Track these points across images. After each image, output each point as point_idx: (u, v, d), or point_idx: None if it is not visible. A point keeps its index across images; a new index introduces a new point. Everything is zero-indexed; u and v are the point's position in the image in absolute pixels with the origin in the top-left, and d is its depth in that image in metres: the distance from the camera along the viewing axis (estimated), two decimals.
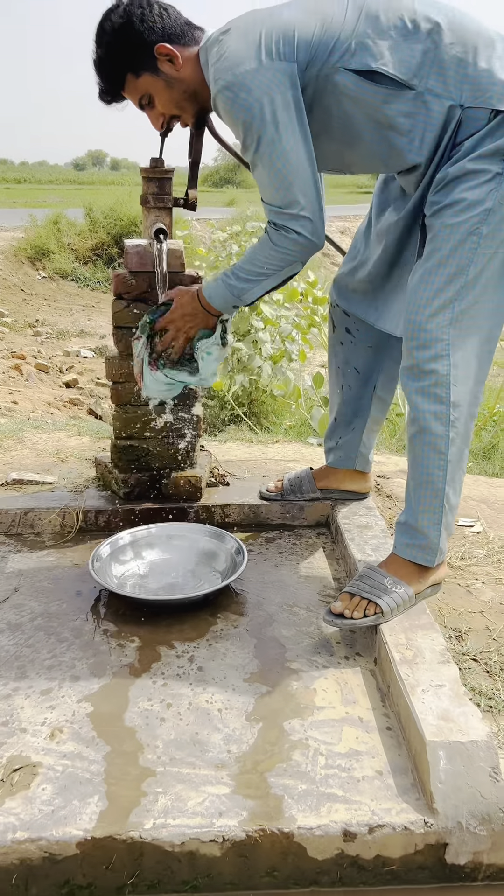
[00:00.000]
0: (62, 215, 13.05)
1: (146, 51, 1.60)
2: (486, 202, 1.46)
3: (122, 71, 1.63)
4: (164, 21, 1.61)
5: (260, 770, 1.28)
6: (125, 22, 1.59)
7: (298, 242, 1.60)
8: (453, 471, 1.58)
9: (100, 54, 1.63)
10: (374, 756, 1.31)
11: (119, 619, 1.73)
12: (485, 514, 2.25)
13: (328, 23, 1.49)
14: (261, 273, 1.68)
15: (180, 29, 1.63)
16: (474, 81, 1.45)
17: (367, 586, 1.62)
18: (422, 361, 1.51)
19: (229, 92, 1.47)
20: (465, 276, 1.49)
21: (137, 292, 2.04)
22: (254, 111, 1.47)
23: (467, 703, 1.33)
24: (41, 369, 6.29)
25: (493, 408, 3.86)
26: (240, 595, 1.85)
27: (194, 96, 1.67)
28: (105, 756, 1.30)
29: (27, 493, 2.25)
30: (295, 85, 1.48)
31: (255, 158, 1.54)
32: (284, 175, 1.52)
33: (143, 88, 1.64)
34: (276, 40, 1.47)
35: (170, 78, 1.63)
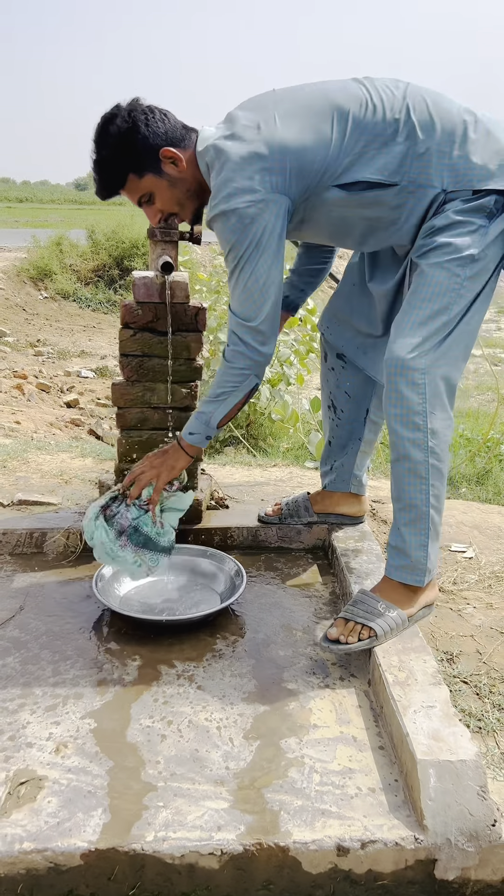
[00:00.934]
0: (65, 236, 13.21)
1: (151, 154, 1.68)
2: (471, 249, 1.58)
3: (125, 172, 1.70)
4: (167, 125, 1.69)
5: (257, 786, 1.33)
6: (131, 127, 1.66)
7: (247, 355, 1.73)
8: (435, 494, 1.65)
9: (104, 156, 1.69)
10: (367, 774, 1.36)
11: (121, 637, 1.78)
12: (477, 539, 2.31)
13: (321, 144, 1.60)
14: (222, 392, 1.78)
15: (180, 133, 1.71)
16: (452, 169, 1.59)
17: (361, 611, 1.67)
18: (401, 390, 1.59)
19: (223, 217, 1.60)
20: (448, 313, 1.59)
21: (144, 322, 2.12)
22: (240, 236, 1.61)
23: (457, 724, 1.38)
24: (43, 389, 6.37)
25: (486, 434, 3.93)
26: (238, 616, 1.91)
27: (195, 195, 1.76)
28: (108, 771, 1.35)
29: (32, 513, 2.31)
30: (284, 215, 1.62)
31: (232, 272, 1.68)
32: (252, 292, 1.67)
33: (145, 188, 1.72)
34: (271, 171, 1.57)
35: (173, 178, 1.71)
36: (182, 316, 2.13)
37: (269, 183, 1.58)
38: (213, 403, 1.80)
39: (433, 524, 1.67)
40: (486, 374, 7.75)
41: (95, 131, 1.69)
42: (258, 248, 1.62)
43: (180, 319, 2.13)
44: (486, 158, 1.59)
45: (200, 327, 2.16)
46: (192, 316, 2.14)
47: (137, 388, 2.18)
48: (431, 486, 1.64)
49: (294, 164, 1.59)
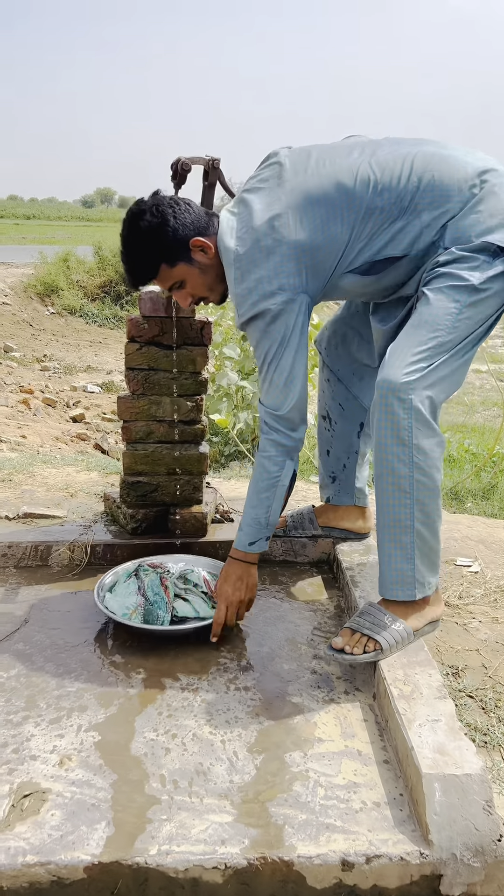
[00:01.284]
0: (71, 253, 13.32)
1: (182, 245, 1.73)
2: (473, 280, 1.61)
3: (158, 264, 1.75)
4: (192, 215, 1.75)
5: (261, 800, 1.32)
6: (160, 221, 1.71)
7: (279, 442, 1.79)
8: (422, 510, 1.63)
9: (136, 251, 1.75)
10: (372, 788, 1.36)
11: (125, 650, 1.78)
12: (483, 554, 2.30)
13: (334, 242, 1.67)
14: (268, 486, 1.82)
15: (204, 221, 1.76)
16: (455, 234, 1.64)
17: (367, 623, 1.67)
18: (390, 405, 1.59)
19: (252, 322, 1.71)
20: (444, 336, 1.61)
21: (150, 336, 2.14)
22: (267, 336, 1.71)
23: (463, 738, 1.37)
24: (49, 404, 6.39)
25: (491, 449, 3.93)
26: (243, 630, 1.90)
27: (223, 279, 1.80)
28: (112, 784, 1.35)
29: (38, 526, 2.31)
30: (304, 311, 1.71)
31: (261, 368, 1.77)
32: (278, 385, 1.75)
33: (177, 276, 1.78)
34: (286, 275, 1.66)
35: (203, 265, 1.77)
36: (188, 330, 2.15)
37: (289, 285, 1.67)
38: (264, 502, 1.83)
39: (420, 538, 1.65)
40: (492, 390, 7.75)
41: (124, 227, 1.76)
42: (282, 345, 1.71)
43: (186, 333, 2.15)
44: (487, 219, 1.63)
45: (206, 341, 2.18)
46: (198, 330, 2.16)
47: (143, 401, 2.19)
48: (416, 500, 1.62)
49: (309, 263, 1.67)
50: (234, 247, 1.69)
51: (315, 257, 1.67)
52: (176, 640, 1.84)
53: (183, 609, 1.90)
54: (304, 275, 1.67)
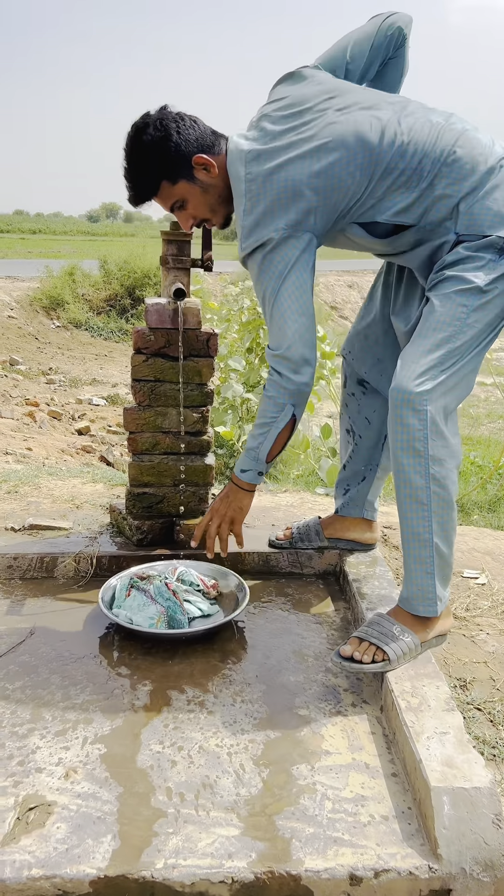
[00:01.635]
0: (77, 267, 13.39)
1: (184, 161, 1.71)
2: (478, 281, 1.59)
3: (159, 180, 1.73)
4: (197, 132, 1.72)
5: (268, 813, 1.31)
6: (163, 136, 1.69)
7: (280, 384, 1.77)
8: (440, 522, 1.63)
9: (137, 165, 1.73)
10: (380, 801, 1.34)
11: (131, 662, 1.78)
12: (490, 566, 2.29)
13: (348, 188, 1.64)
14: (263, 424, 1.83)
15: (210, 139, 1.74)
16: (470, 215, 1.61)
17: (376, 632, 1.66)
18: (404, 416, 1.58)
19: (252, 256, 1.69)
20: (454, 342, 1.59)
21: (156, 347, 2.14)
22: (270, 267, 1.68)
23: (471, 751, 1.36)
24: (54, 416, 6.41)
25: (497, 461, 3.92)
26: (249, 641, 1.90)
27: (225, 200, 1.78)
28: (118, 797, 1.34)
29: (44, 538, 2.31)
30: (309, 250, 1.68)
31: (263, 307, 1.75)
32: (278, 322, 1.72)
33: (178, 194, 1.75)
34: (294, 213, 1.63)
35: (205, 184, 1.74)
36: (194, 341, 2.15)
37: (295, 223, 1.64)
38: (258, 437, 1.84)
39: (438, 552, 1.65)
40: (497, 403, 7.75)
41: (127, 141, 1.72)
42: (281, 279, 1.67)
43: (192, 345, 2.16)
44: (501, 208, 1.60)
45: (212, 353, 2.18)
46: (204, 341, 2.17)
47: (149, 412, 2.20)
48: (434, 513, 1.62)
49: (319, 203, 1.64)
50: (244, 175, 1.66)
51: (328, 199, 1.64)
52: (187, 644, 1.85)
53: (189, 610, 1.92)
54: (312, 214, 1.64)
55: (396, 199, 1.64)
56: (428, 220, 1.65)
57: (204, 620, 1.93)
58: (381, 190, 1.65)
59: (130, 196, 1.77)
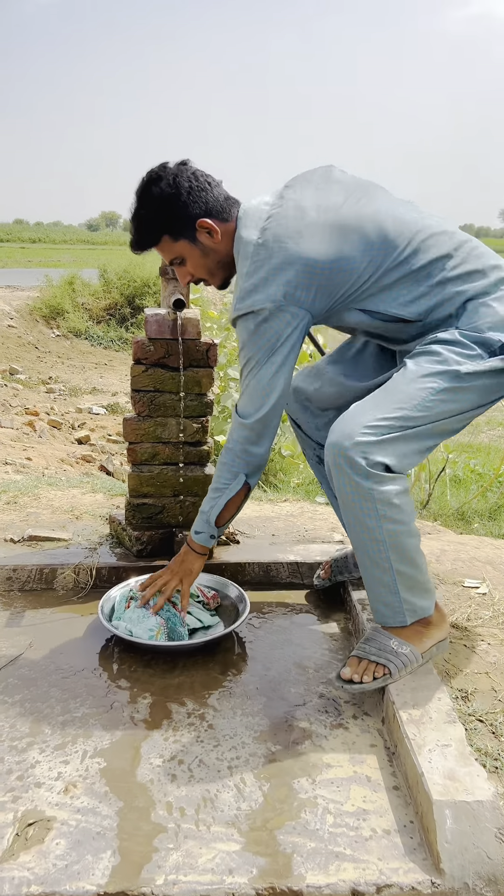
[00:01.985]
0: (77, 276, 13.42)
1: (189, 222, 1.69)
2: (460, 366, 1.57)
3: (161, 234, 1.72)
4: (209, 196, 1.70)
5: (269, 827, 1.30)
6: (174, 193, 1.67)
7: (235, 452, 1.77)
8: (398, 551, 1.59)
9: (142, 215, 1.72)
10: (382, 815, 1.33)
11: (131, 674, 1.77)
12: (490, 575, 2.28)
13: (354, 271, 1.63)
14: (216, 489, 1.83)
15: (221, 205, 1.72)
16: (472, 315, 1.62)
17: (374, 649, 1.65)
18: (341, 468, 1.54)
19: (243, 320, 1.66)
20: (409, 412, 1.55)
21: (156, 358, 2.14)
22: (254, 339, 1.65)
23: (473, 763, 1.35)
24: (54, 426, 6.41)
25: (497, 469, 3.91)
26: (250, 653, 1.89)
27: (225, 265, 1.77)
28: (118, 811, 1.33)
29: (43, 549, 2.30)
30: (300, 328, 1.65)
31: (244, 375, 1.73)
32: (254, 393, 1.71)
33: (177, 252, 1.74)
34: (294, 286, 1.61)
35: (206, 248, 1.73)
36: (193, 352, 2.15)
37: (294, 297, 1.61)
38: (209, 501, 1.84)
39: (401, 575, 1.61)
40: (497, 410, 7.74)
41: (139, 187, 1.72)
42: (268, 353, 1.65)
43: (192, 355, 2.16)
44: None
45: (212, 363, 2.18)
46: (204, 352, 2.16)
47: (149, 423, 2.19)
48: (391, 546, 1.58)
49: (323, 283, 1.62)
50: (256, 239, 1.64)
51: (331, 280, 1.62)
52: (187, 656, 1.85)
53: (189, 621, 1.91)
54: (314, 292, 1.62)
55: (403, 292, 1.65)
56: (434, 316, 1.66)
57: (204, 632, 1.93)
58: (388, 281, 1.65)
59: (132, 241, 1.77)
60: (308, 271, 1.60)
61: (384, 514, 1.55)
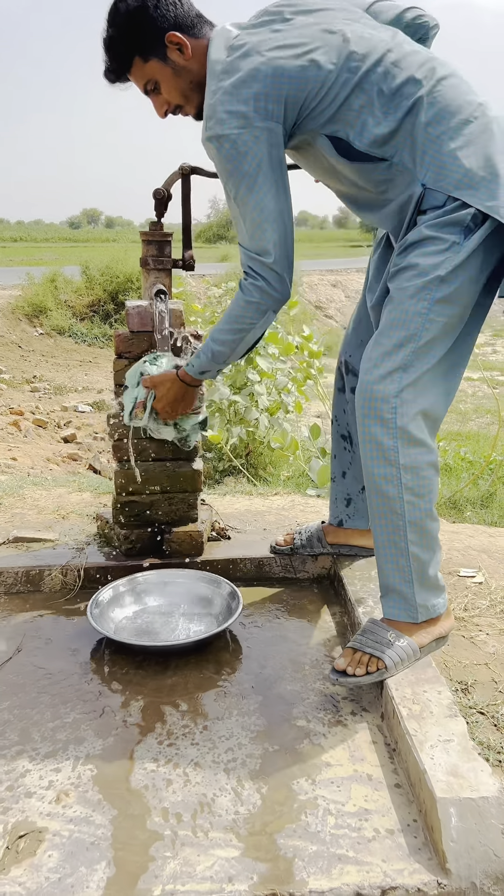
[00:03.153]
0: (59, 273, 13.29)
1: (157, 37, 1.61)
2: (439, 270, 1.47)
3: (131, 53, 1.64)
4: (178, 10, 1.62)
5: (269, 831, 1.26)
6: (139, 6, 1.60)
7: (265, 291, 1.65)
8: (416, 531, 1.56)
9: (111, 34, 1.64)
10: (384, 814, 1.30)
11: (122, 676, 1.72)
12: (486, 564, 2.25)
13: (318, 81, 1.51)
14: (239, 329, 1.71)
15: (191, 20, 1.64)
16: (439, 164, 1.49)
17: (370, 641, 1.61)
18: (369, 425, 1.51)
19: (216, 142, 1.54)
20: (417, 341, 1.49)
21: (138, 351, 2.09)
22: (236, 163, 1.54)
23: (477, 758, 1.32)
24: (39, 425, 6.33)
25: (489, 456, 3.89)
26: (244, 651, 1.84)
27: (199, 87, 1.66)
28: (112, 820, 1.28)
29: (29, 550, 2.25)
30: (277, 144, 1.55)
31: (234, 204, 1.61)
32: (258, 223, 1.59)
33: (149, 74, 1.66)
34: (266, 98, 1.50)
35: (177, 67, 1.64)
36: (176, 343, 2.10)
37: (264, 110, 1.51)
38: (229, 343, 1.73)
39: (417, 562, 1.59)
40: (485, 398, 7.74)
41: (109, 8, 1.64)
42: (257, 177, 1.54)
43: (176, 347, 2.10)
44: (473, 162, 1.47)
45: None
46: (188, 342, 2.11)
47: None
48: (409, 522, 1.55)
49: (291, 93, 1.51)
50: (224, 57, 1.56)
51: (300, 88, 1.51)
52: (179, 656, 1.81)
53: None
54: (282, 102, 1.51)
55: (373, 121, 1.52)
56: (400, 156, 1.52)
57: (197, 630, 1.88)
58: (354, 101, 1.52)
59: (105, 69, 1.69)
60: (276, 82, 1.50)
61: (406, 484, 1.51)
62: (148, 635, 1.89)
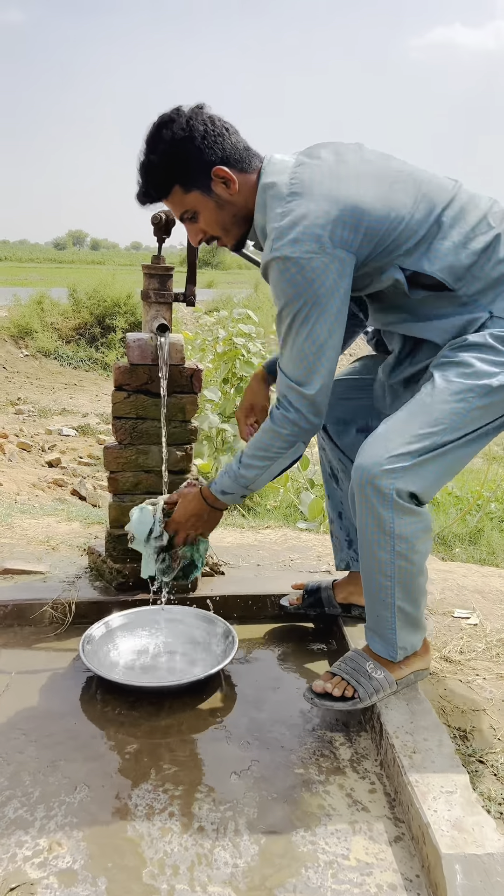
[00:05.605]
0: (46, 295, 13.28)
1: (202, 170, 1.54)
2: (492, 379, 1.47)
3: (171, 183, 1.56)
4: (226, 143, 1.55)
5: (268, 886, 1.22)
6: (187, 137, 1.52)
7: (298, 424, 1.60)
8: (404, 589, 1.55)
9: (151, 160, 1.55)
10: (386, 869, 1.27)
11: (115, 717, 1.68)
12: (480, 604, 2.24)
13: (396, 216, 1.50)
14: (266, 457, 1.66)
15: (240, 154, 1.57)
16: None
17: (349, 668, 1.63)
18: (367, 496, 1.48)
19: (282, 264, 1.46)
20: (442, 436, 1.47)
21: (138, 384, 2.07)
22: (300, 289, 1.47)
23: (480, 812, 1.29)
24: (23, 448, 6.27)
25: (477, 493, 3.90)
26: (239, 692, 1.81)
27: (242, 221, 1.62)
28: (106, 871, 1.24)
29: (18, 583, 2.21)
30: (347, 274, 1.49)
31: (288, 329, 1.53)
32: (307, 355, 1.53)
33: (189, 204, 1.58)
34: (343, 226, 1.46)
35: (221, 200, 1.57)
36: (177, 377, 2.09)
37: (340, 238, 1.45)
38: (255, 469, 1.67)
39: (402, 612, 1.58)
40: None
41: (148, 131, 1.55)
42: (318, 307, 1.47)
43: (175, 381, 2.09)
44: None
45: (196, 389, 2.12)
46: (188, 377, 2.10)
47: (130, 451, 2.12)
48: (398, 583, 1.53)
49: (369, 224, 1.47)
50: (289, 181, 1.49)
51: (380, 225, 1.48)
52: (173, 696, 1.76)
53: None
54: (361, 233, 1.46)
55: (445, 252, 1.52)
56: (470, 289, 1.53)
57: (192, 670, 1.85)
58: (433, 234, 1.52)
59: (139, 192, 1.60)
60: (354, 214, 1.45)
61: (399, 551, 1.50)
62: (142, 674, 1.85)
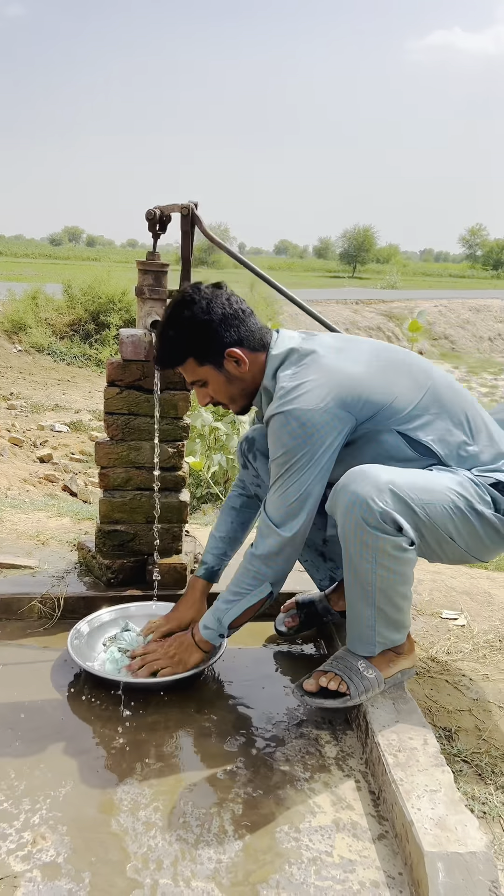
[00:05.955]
0: (40, 291, 13.25)
1: (217, 350, 1.65)
2: (473, 501, 1.58)
3: (187, 356, 1.67)
4: (241, 326, 1.65)
5: (252, 881, 1.23)
6: (206, 320, 1.63)
7: (268, 563, 1.66)
8: (385, 595, 1.56)
9: (170, 333, 1.66)
10: (369, 866, 1.27)
11: (102, 713, 1.68)
12: (468, 606, 2.25)
13: (397, 397, 1.63)
14: (237, 592, 1.70)
15: (254, 335, 1.68)
16: (487, 468, 1.66)
17: (342, 666, 1.64)
18: (355, 517, 1.51)
19: (284, 417, 1.57)
20: (428, 503, 1.54)
21: (131, 380, 2.07)
22: (299, 440, 1.57)
23: (464, 811, 1.30)
24: (15, 443, 6.26)
25: None
26: (227, 689, 1.82)
27: (250, 394, 1.73)
28: (90, 865, 1.24)
29: (7, 577, 2.20)
30: (343, 434, 1.60)
31: (279, 474, 1.62)
32: (290, 501, 1.61)
33: (201, 375, 1.69)
34: (349, 393, 1.58)
35: (231, 376, 1.68)
36: (170, 374, 2.09)
37: (343, 402, 1.57)
38: (228, 602, 1.71)
39: (381, 613, 1.59)
40: None
41: (170, 305, 1.68)
42: (311, 461, 1.57)
43: (168, 377, 2.09)
44: None
45: (189, 385, 2.12)
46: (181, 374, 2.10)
47: (122, 447, 2.12)
48: (379, 589, 1.55)
49: (372, 399, 1.60)
50: (300, 346, 1.66)
51: (379, 398, 1.61)
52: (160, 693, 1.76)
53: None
54: (362, 402, 1.59)
55: (442, 427, 1.66)
56: (453, 458, 1.66)
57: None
58: (430, 408, 1.66)
59: (156, 357, 1.73)
60: (359, 392, 1.59)
61: (381, 562, 1.52)
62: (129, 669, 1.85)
